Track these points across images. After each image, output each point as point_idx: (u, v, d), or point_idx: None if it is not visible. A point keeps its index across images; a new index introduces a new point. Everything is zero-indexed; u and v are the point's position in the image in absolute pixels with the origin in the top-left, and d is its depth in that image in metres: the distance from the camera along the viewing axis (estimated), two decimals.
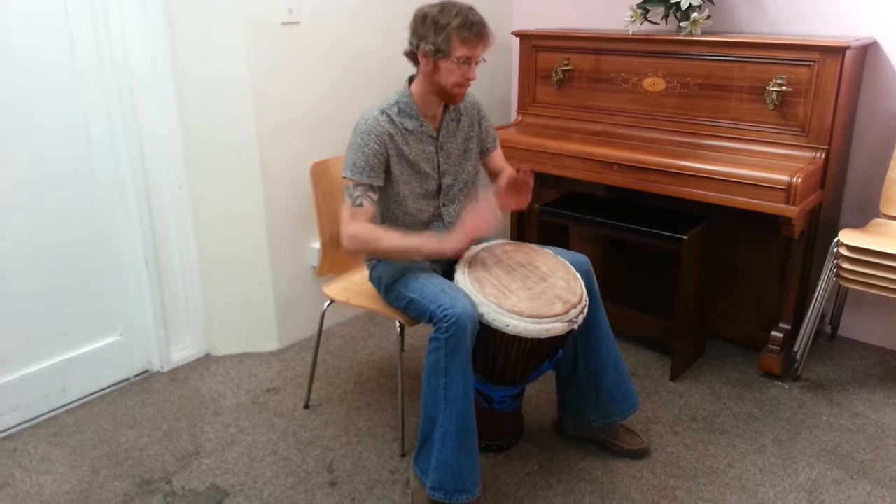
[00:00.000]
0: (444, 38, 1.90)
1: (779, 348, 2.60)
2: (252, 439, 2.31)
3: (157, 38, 2.43)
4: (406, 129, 2.03)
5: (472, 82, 1.99)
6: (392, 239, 1.98)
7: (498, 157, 2.30)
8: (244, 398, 2.54)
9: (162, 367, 2.70)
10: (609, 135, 2.87)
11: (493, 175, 2.33)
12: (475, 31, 1.91)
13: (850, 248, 2.36)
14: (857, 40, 2.45)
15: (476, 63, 1.97)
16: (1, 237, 2.23)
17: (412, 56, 2.02)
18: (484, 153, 2.25)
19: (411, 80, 2.06)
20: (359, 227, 1.97)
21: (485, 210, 1.98)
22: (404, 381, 2.30)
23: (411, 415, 2.33)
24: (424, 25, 1.94)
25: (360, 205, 1.97)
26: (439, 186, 2.13)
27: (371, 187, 1.99)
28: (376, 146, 1.97)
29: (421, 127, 2.05)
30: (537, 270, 2.03)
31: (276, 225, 2.73)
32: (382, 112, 2.02)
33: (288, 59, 2.62)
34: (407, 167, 2.05)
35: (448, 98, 2.01)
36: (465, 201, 2.16)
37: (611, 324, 2.15)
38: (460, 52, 1.92)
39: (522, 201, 2.12)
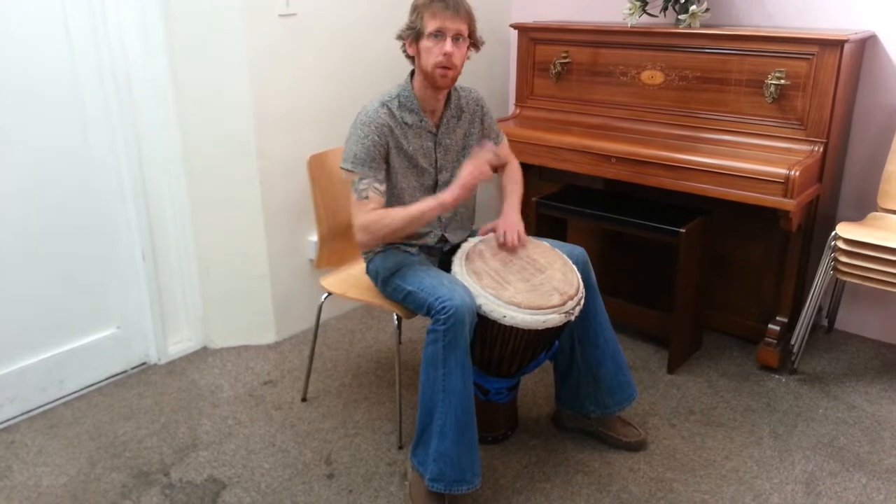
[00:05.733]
0: (416, 16, 1.95)
1: (776, 341, 2.60)
2: (249, 432, 2.31)
3: (155, 29, 2.42)
4: (405, 123, 2.03)
5: (454, 62, 1.94)
6: (398, 214, 1.97)
7: (502, 152, 2.29)
8: (241, 391, 2.54)
9: (159, 359, 2.70)
10: (607, 128, 2.86)
11: (499, 167, 2.32)
12: (443, 2, 1.92)
13: (847, 241, 2.36)
14: (856, 34, 2.44)
15: (457, 39, 1.94)
16: None
17: (406, 52, 2.03)
18: None
19: (413, 74, 2.06)
20: (366, 217, 1.96)
21: (479, 158, 1.95)
22: (402, 374, 2.31)
23: (408, 407, 2.33)
24: (409, 15, 1.99)
25: (367, 197, 1.97)
26: (436, 182, 2.12)
27: (376, 178, 1.98)
28: (377, 138, 1.97)
29: (420, 122, 2.05)
30: (535, 262, 2.03)
31: (274, 217, 2.72)
32: (383, 104, 2.01)
33: (285, 51, 2.61)
34: (405, 161, 2.05)
35: (433, 82, 1.98)
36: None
37: (609, 317, 2.16)
38: (431, 25, 1.92)
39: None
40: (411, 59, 2.03)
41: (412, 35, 1.96)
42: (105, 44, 2.33)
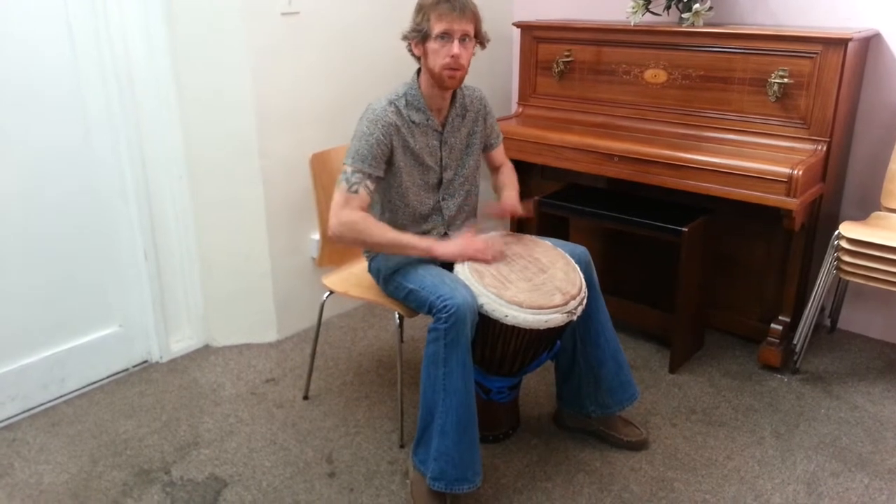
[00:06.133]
0: (422, 17, 1.93)
1: (778, 341, 2.59)
2: (251, 430, 2.31)
3: (157, 29, 2.42)
4: (412, 122, 2.02)
5: (461, 63, 1.95)
6: (384, 231, 1.97)
7: (499, 154, 2.31)
8: (243, 389, 2.54)
9: (161, 357, 2.70)
10: (610, 127, 2.86)
11: (493, 169, 2.34)
12: (449, 4, 1.91)
13: (850, 240, 2.36)
14: (860, 32, 2.44)
15: (464, 40, 1.94)
16: (0, 227, 2.22)
17: (412, 52, 2.03)
18: (487, 149, 2.25)
19: (419, 72, 2.06)
20: (352, 214, 1.95)
21: (482, 243, 1.99)
22: (403, 373, 2.30)
23: (410, 406, 2.33)
24: (414, 15, 1.98)
25: (356, 192, 1.96)
26: (440, 180, 2.12)
27: (370, 176, 1.97)
28: (381, 136, 1.97)
29: (427, 121, 2.04)
30: (537, 262, 2.03)
31: (276, 216, 2.72)
32: (391, 103, 2.01)
33: (287, 50, 2.61)
34: (410, 159, 2.05)
35: (441, 83, 1.98)
36: (465, 196, 2.17)
37: (610, 316, 2.15)
38: (438, 27, 1.91)
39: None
40: (417, 58, 2.03)
41: (418, 36, 1.95)
42: (107, 45, 2.32)
